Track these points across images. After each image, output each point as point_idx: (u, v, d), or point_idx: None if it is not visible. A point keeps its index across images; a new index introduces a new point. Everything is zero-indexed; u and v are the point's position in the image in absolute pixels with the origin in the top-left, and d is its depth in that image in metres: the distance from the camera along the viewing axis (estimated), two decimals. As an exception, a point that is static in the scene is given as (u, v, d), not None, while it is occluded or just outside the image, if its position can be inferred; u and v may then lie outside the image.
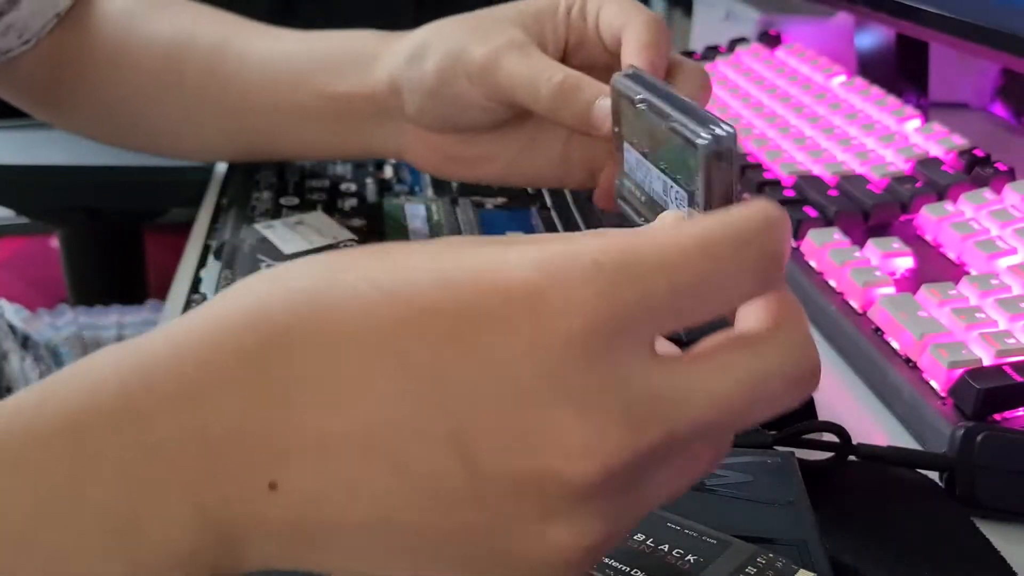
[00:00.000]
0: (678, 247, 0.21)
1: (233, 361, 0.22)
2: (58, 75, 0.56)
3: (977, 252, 0.51)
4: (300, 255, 0.51)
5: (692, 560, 0.29)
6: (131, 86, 0.56)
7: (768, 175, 0.63)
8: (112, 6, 0.56)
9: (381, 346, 0.21)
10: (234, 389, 0.22)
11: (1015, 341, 0.44)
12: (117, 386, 0.22)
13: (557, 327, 0.20)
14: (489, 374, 0.21)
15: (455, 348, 0.21)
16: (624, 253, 0.21)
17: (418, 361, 0.21)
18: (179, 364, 0.22)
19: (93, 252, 1.07)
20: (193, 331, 0.23)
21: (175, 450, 0.22)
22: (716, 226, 0.21)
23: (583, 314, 0.20)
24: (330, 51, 0.54)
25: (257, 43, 0.55)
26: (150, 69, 0.55)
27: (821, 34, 0.89)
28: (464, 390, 0.21)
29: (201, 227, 0.59)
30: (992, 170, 0.59)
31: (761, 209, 0.22)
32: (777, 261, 0.22)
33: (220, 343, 0.22)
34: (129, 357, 0.23)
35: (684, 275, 0.21)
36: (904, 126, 0.67)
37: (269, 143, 0.57)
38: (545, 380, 0.20)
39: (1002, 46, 0.59)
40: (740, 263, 0.21)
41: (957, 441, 0.39)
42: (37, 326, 0.66)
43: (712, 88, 0.46)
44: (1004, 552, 0.36)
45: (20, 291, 1.37)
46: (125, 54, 0.55)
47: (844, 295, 0.51)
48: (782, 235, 0.22)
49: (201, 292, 0.49)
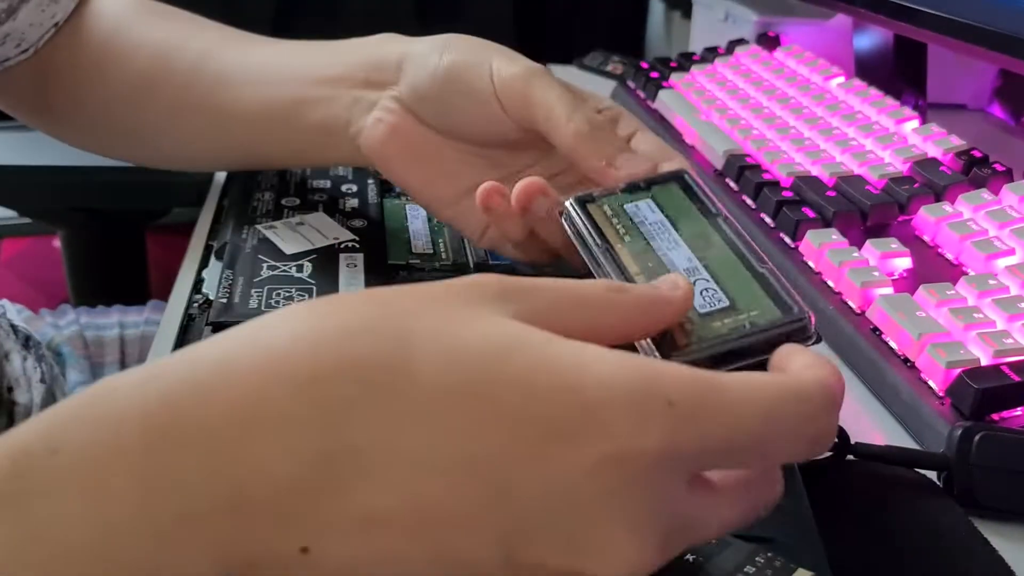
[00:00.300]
0: (745, 409, 0.23)
1: (280, 420, 0.21)
2: (50, 84, 0.56)
3: (975, 252, 0.51)
4: (301, 256, 0.51)
5: (691, 559, 0.29)
6: (113, 95, 0.55)
7: (767, 176, 0.63)
8: (105, 14, 0.56)
9: (450, 434, 0.21)
10: (280, 452, 0.21)
11: (1013, 341, 0.44)
12: (141, 439, 0.21)
13: (626, 454, 0.22)
14: (553, 485, 0.22)
15: (524, 452, 0.22)
16: (697, 400, 0.23)
17: (486, 456, 0.21)
18: (215, 416, 0.21)
19: (95, 252, 1.07)
20: (233, 381, 0.22)
21: (206, 509, 0.21)
22: (785, 397, 0.24)
23: (651, 449, 0.22)
24: (329, 46, 0.52)
25: (238, 52, 0.53)
26: (132, 79, 0.54)
27: (819, 35, 0.89)
28: (525, 495, 0.21)
29: (203, 227, 0.60)
30: (990, 171, 0.59)
31: (827, 381, 0.25)
32: (832, 435, 0.25)
33: (266, 396, 0.21)
34: (156, 401, 0.21)
35: (744, 436, 0.23)
36: (902, 127, 0.67)
37: (251, 152, 0.55)
38: (605, 497, 0.22)
39: (1000, 47, 0.59)
40: (797, 437, 0.24)
41: (955, 441, 0.39)
42: (39, 326, 0.66)
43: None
44: (1002, 551, 0.36)
45: (22, 291, 1.37)
46: (110, 63, 0.55)
47: (842, 295, 0.51)
48: (838, 408, 0.25)
49: (203, 292, 0.49)
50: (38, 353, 0.58)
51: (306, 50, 0.53)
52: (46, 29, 0.54)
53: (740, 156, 0.67)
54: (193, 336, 0.46)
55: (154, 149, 0.58)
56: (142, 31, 0.55)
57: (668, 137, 0.75)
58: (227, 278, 0.49)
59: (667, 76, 0.85)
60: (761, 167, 0.65)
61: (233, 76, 0.53)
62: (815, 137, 0.68)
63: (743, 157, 0.66)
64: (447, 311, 0.24)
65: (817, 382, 0.25)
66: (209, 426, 0.21)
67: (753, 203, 0.62)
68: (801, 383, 0.24)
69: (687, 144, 0.73)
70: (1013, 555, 0.36)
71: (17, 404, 0.53)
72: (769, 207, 0.60)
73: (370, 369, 0.22)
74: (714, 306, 0.33)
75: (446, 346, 0.22)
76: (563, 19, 1.51)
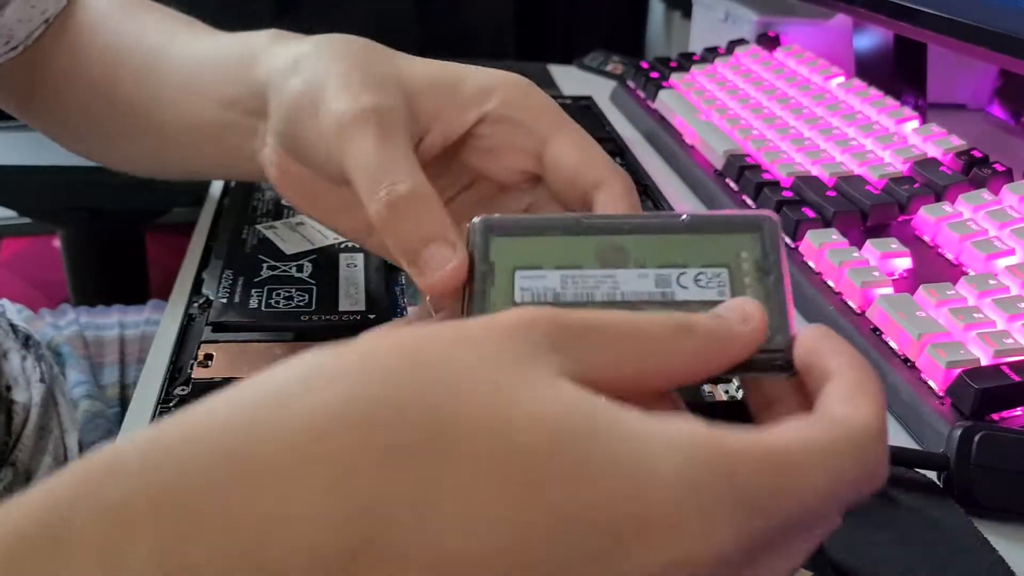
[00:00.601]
0: (812, 481, 0.22)
1: (308, 521, 0.19)
2: (36, 83, 0.55)
3: (975, 252, 0.51)
4: (301, 256, 0.51)
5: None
6: (83, 95, 0.54)
7: (767, 176, 0.63)
8: (91, 10, 0.55)
9: (495, 531, 0.20)
10: (306, 551, 0.19)
11: (1013, 341, 0.44)
12: (154, 529, 0.19)
13: (694, 557, 0.21)
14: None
15: (578, 555, 0.20)
16: (769, 490, 0.22)
17: (534, 560, 0.20)
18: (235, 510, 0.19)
19: (95, 252, 1.07)
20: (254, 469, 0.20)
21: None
22: (845, 451, 0.23)
23: (720, 549, 0.21)
24: (227, 55, 0.47)
25: (175, 61, 0.49)
26: (99, 78, 0.53)
27: (819, 35, 0.89)
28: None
29: (203, 227, 0.60)
30: (990, 171, 0.59)
31: (879, 414, 0.24)
32: (886, 467, 0.24)
33: (292, 495, 0.20)
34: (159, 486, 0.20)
35: (812, 511, 0.22)
36: (902, 127, 0.67)
37: (190, 168, 0.52)
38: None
39: (1000, 47, 0.59)
40: (860, 486, 0.23)
41: (955, 441, 0.39)
42: (39, 326, 0.66)
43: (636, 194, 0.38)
44: (1002, 551, 0.36)
45: (22, 291, 1.37)
46: (84, 61, 0.53)
47: (842, 295, 0.51)
48: (887, 436, 0.24)
49: (203, 292, 0.49)
50: (38, 353, 0.58)
51: (215, 60, 0.47)
52: (36, 26, 0.53)
53: (740, 156, 0.67)
54: (193, 336, 0.46)
55: (120, 154, 0.56)
56: (113, 31, 0.54)
57: (668, 137, 0.75)
58: (227, 278, 0.49)
59: (667, 76, 0.85)
60: (761, 167, 0.65)
61: (167, 91, 0.49)
62: (815, 137, 0.68)
63: (743, 157, 0.66)
64: (496, 374, 0.22)
65: (867, 423, 0.23)
66: (230, 525, 0.19)
67: (753, 203, 0.62)
68: (853, 428, 0.23)
69: (687, 144, 0.74)
70: (1013, 555, 0.36)
71: (15, 403, 0.53)
72: (769, 207, 0.60)
73: (410, 458, 0.20)
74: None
75: (496, 431, 0.21)
76: (563, 19, 1.52)
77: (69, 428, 0.57)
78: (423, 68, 0.39)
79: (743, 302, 0.27)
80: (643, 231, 0.30)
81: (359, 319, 0.46)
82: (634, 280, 0.29)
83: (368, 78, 0.37)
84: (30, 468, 0.53)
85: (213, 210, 0.61)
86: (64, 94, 0.54)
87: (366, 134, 0.35)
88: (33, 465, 0.53)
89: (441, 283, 0.30)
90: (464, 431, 0.20)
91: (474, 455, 0.20)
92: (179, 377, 0.43)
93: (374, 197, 0.33)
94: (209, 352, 0.43)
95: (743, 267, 0.29)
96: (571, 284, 0.29)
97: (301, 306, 0.46)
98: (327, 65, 0.38)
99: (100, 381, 0.64)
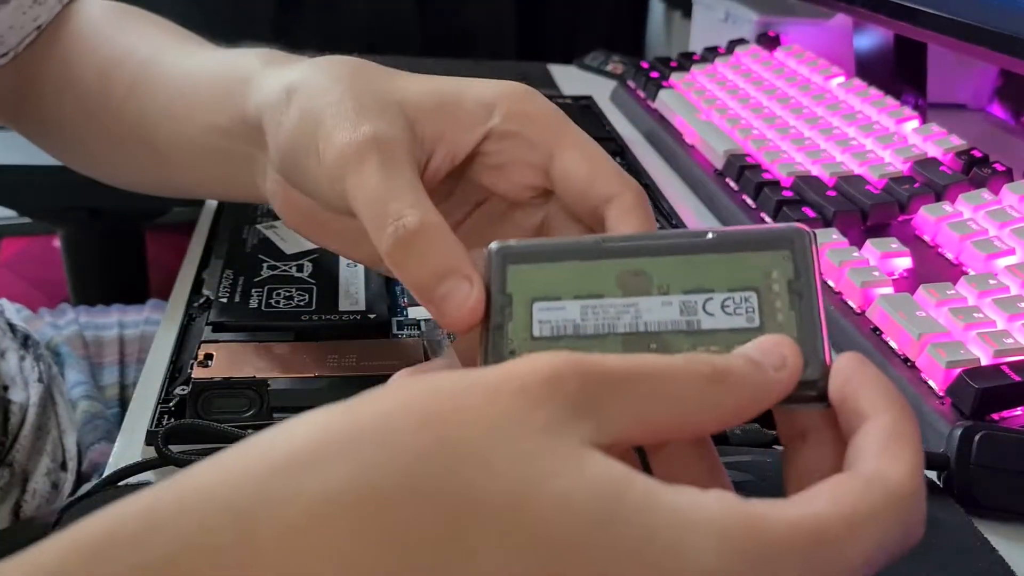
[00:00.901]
0: (856, 549, 0.21)
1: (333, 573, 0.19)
2: (27, 88, 0.54)
3: (975, 252, 0.51)
4: (301, 255, 0.51)
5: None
6: (74, 104, 0.52)
7: (767, 176, 0.63)
8: (84, 18, 0.54)
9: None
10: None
11: (1013, 341, 0.44)
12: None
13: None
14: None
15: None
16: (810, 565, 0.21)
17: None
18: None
19: (95, 252, 1.07)
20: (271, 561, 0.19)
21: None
22: (887, 512, 0.22)
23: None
24: (216, 79, 0.45)
25: (166, 79, 0.48)
26: (90, 88, 0.51)
27: (820, 35, 0.90)
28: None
29: (203, 227, 0.60)
30: (990, 170, 0.59)
31: (918, 469, 0.23)
32: (924, 520, 0.23)
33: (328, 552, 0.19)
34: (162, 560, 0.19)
35: (850, 571, 0.22)
36: (902, 127, 0.67)
37: (185, 188, 0.51)
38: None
39: (1000, 47, 0.59)
40: (903, 543, 0.22)
41: (955, 440, 0.39)
42: (38, 325, 0.66)
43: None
44: (1002, 551, 0.36)
45: (22, 291, 1.37)
46: (76, 70, 0.52)
47: (842, 295, 0.51)
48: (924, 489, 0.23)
49: (203, 292, 0.49)
50: (36, 352, 0.58)
51: (207, 81, 0.46)
52: (27, 32, 0.53)
53: (740, 156, 0.67)
54: (193, 336, 0.46)
55: (109, 168, 0.55)
56: (105, 40, 0.53)
57: (668, 137, 0.75)
58: (227, 278, 0.49)
59: (667, 76, 0.85)
60: (761, 167, 0.65)
61: (157, 104, 0.48)
62: (815, 137, 0.68)
63: (743, 157, 0.66)
64: (522, 448, 0.21)
65: (905, 481, 0.23)
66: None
67: (753, 203, 0.62)
68: (891, 488, 0.22)
69: (687, 144, 0.74)
70: (1013, 555, 0.36)
71: (12, 403, 0.53)
72: (769, 207, 0.60)
73: (430, 548, 0.20)
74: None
75: (520, 519, 0.20)
76: (563, 19, 1.52)
77: (67, 428, 0.57)
78: (422, 86, 0.37)
79: (778, 344, 0.25)
80: (666, 252, 0.28)
81: (359, 319, 0.46)
82: (658, 308, 0.28)
83: (365, 104, 0.35)
84: (27, 468, 0.53)
85: (213, 210, 0.61)
86: (55, 103, 0.53)
87: (368, 165, 0.33)
88: (30, 465, 0.53)
89: (460, 322, 0.29)
90: (488, 515, 0.20)
91: (499, 545, 0.20)
92: (179, 377, 0.43)
93: (382, 233, 0.32)
94: (209, 352, 0.43)
95: (773, 288, 0.28)
96: (591, 315, 0.28)
97: (301, 306, 0.46)
98: (321, 94, 0.36)
99: (99, 381, 0.64)
